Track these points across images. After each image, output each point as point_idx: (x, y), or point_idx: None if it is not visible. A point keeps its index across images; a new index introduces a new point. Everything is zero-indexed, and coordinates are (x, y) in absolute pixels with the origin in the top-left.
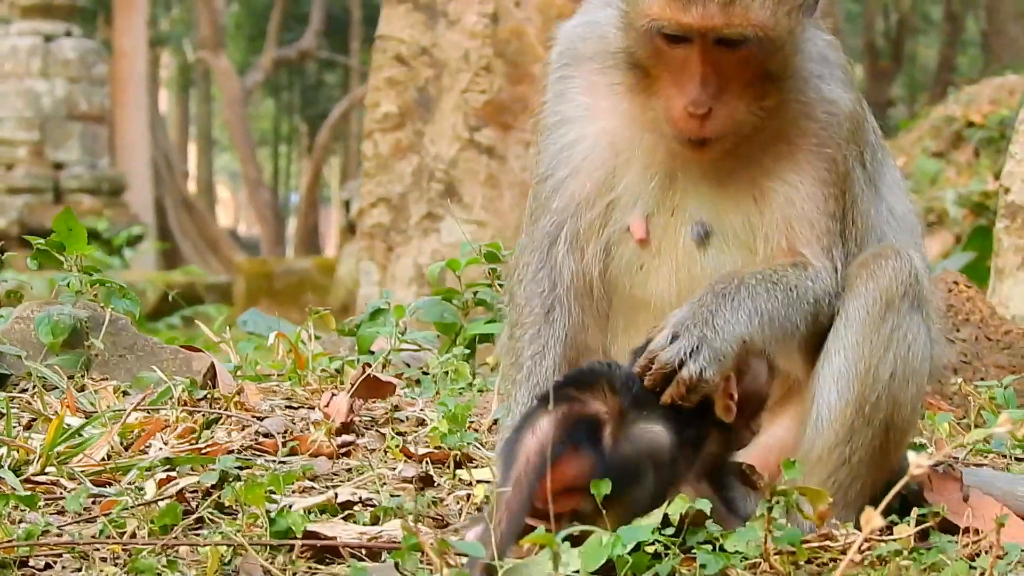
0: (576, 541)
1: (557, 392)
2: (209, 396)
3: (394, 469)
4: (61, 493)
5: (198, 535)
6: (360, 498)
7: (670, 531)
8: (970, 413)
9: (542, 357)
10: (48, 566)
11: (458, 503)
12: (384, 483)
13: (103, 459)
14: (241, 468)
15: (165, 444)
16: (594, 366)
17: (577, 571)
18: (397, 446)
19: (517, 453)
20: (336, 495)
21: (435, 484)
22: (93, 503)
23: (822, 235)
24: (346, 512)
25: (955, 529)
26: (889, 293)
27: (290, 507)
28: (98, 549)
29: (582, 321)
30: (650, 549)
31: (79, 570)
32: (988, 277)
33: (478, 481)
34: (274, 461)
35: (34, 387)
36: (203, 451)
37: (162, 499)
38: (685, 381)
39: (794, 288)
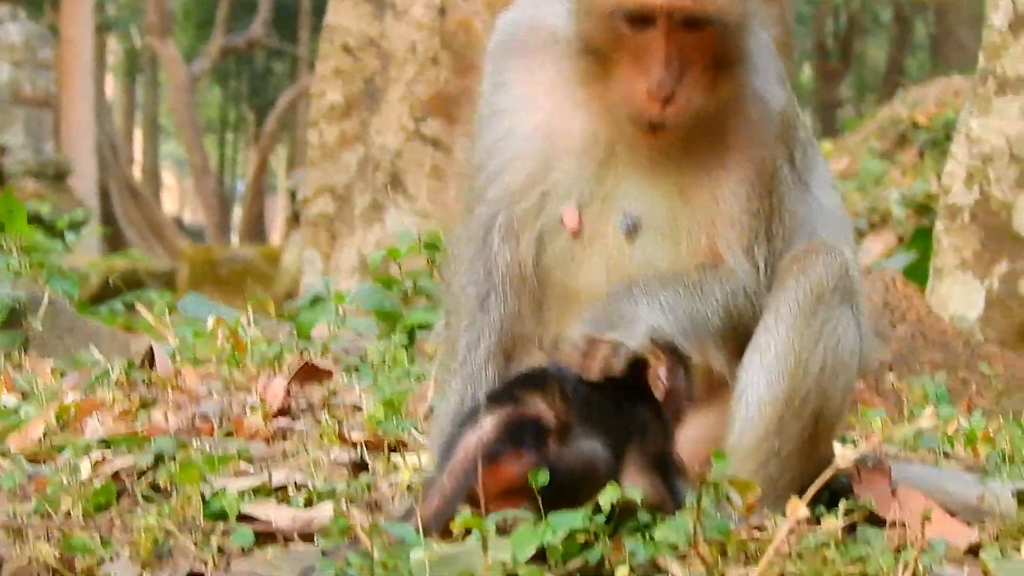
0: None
1: (505, 391)
2: (147, 378)
3: (329, 454)
4: None
5: (132, 515)
6: (295, 481)
7: (601, 519)
8: (904, 410)
9: (477, 346)
10: None
11: (392, 488)
12: (319, 467)
13: (39, 438)
14: (177, 450)
15: (101, 424)
16: (548, 369)
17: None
18: (333, 431)
19: (457, 447)
20: (271, 478)
21: (369, 469)
22: (28, 481)
23: (743, 234)
24: (280, 495)
25: (882, 522)
26: (820, 287)
27: (224, 489)
28: (32, 527)
29: (517, 310)
30: (581, 537)
31: (13, 546)
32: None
33: (408, 466)
34: (210, 443)
35: None
36: (139, 432)
37: (97, 478)
38: (609, 345)
39: (697, 283)
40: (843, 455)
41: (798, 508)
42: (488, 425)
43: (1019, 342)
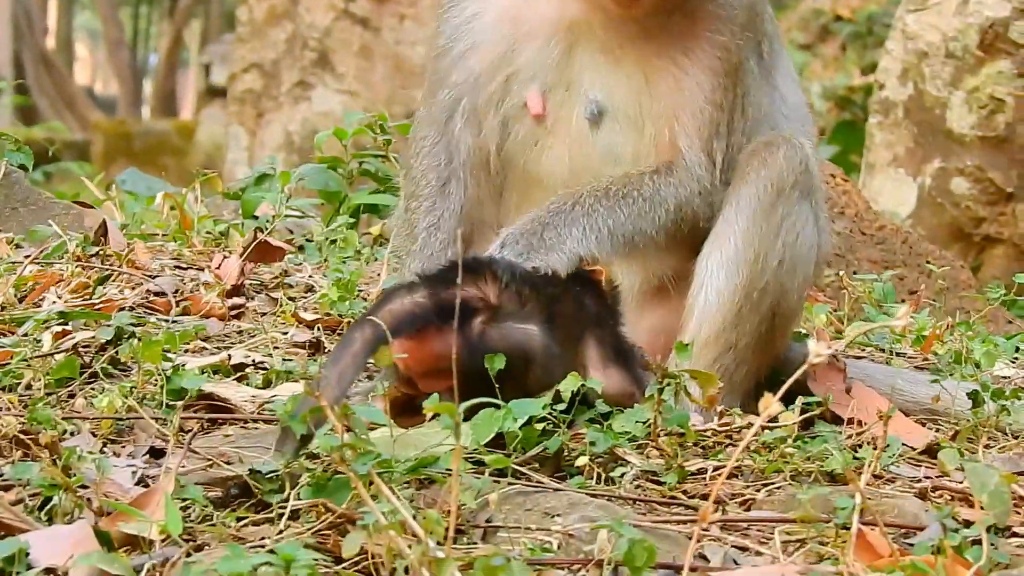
0: None
1: (439, 273)
2: (101, 253)
3: (286, 333)
4: None
5: (93, 390)
6: (253, 361)
7: (561, 407)
8: (843, 305)
9: (436, 229)
10: None
11: None
12: (276, 346)
13: None
14: (135, 326)
15: (59, 298)
16: (481, 257)
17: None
18: (289, 311)
19: (380, 309)
20: (230, 357)
21: (326, 350)
22: None
23: (704, 125)
24: (239, 374)
25: (837, 419)
26: (780, 181)
27: (184, 366)
28: None
29: (477, 196)
30: (540, 426)
31: None
32: (852, 171)
33: None
34: (166, 320)
35: None
36: (97, 307)
37: (58, 352)
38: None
39: (647, 199)
40: (817, 351)
41: (771, 404)
42: (415, 296)
43: (949, 240)
